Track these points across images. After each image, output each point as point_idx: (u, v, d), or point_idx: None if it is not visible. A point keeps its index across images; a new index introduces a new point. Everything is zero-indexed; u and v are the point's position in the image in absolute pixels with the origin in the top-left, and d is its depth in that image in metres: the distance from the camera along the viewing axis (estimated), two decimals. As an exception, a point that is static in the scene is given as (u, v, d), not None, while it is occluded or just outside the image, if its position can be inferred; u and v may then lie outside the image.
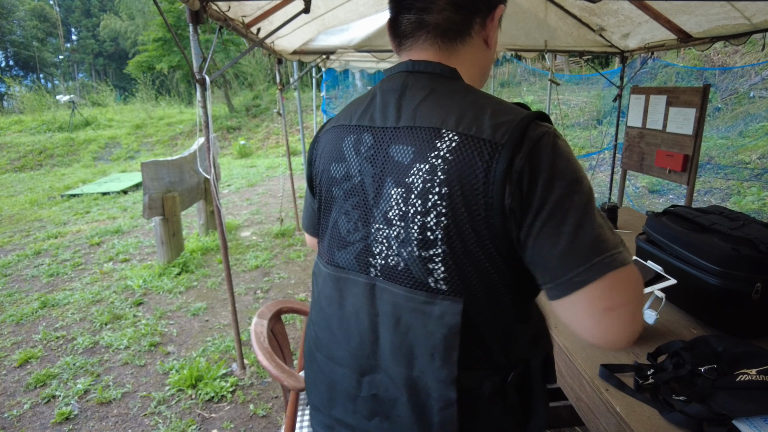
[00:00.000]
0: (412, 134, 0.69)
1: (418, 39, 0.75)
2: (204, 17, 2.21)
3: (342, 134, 0.78)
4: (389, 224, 0.70)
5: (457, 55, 0.75)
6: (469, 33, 0.74)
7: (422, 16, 0.73)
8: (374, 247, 0.73)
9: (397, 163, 0.70)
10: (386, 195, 0.71)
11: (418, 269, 0.68)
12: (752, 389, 0.96)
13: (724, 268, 1.25)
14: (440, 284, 0.67)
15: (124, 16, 27.60)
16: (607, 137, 8.35)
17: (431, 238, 0.66)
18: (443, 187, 0.65)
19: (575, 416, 1.88)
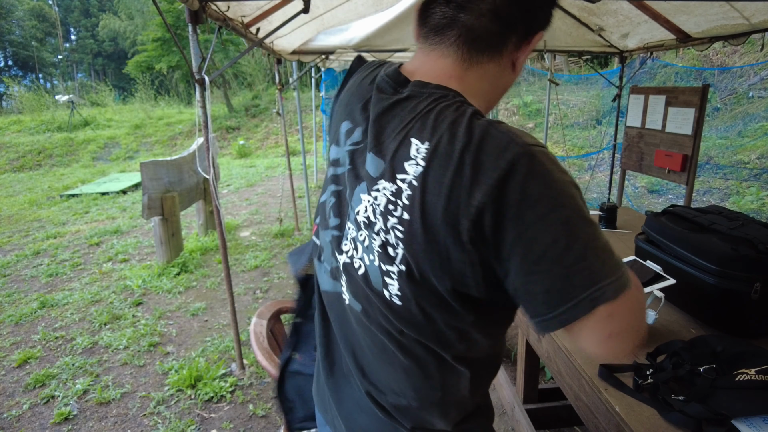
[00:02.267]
0: (387, 143, 0.66)
1: (444, 40, 0.68)
2: (203, 17, 2.21)
3: (343, 116, 0.77)
4: (357, 227, 0.69)
5: (478, 68, 0.68)
6: (499, 49, 0.68)
7: (458, 14, 0.66)
8: (343, 243, 0.72)
9: (367, 172, 0.68)
10: (357, 198, 0.69)
11: (376, 278, 0.67)
12: (751, 389, 0.97)
13: (723, 267, 1.25)
14: (394, 299, 0.66)
15: (123, 16, 27.58)
16: (607, 137, 8.36)
17: (392, 255, 0.64)
18: (404, 212, 0.62)
19: (574, 416, 1.89)
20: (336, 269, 0.75)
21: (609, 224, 2.29)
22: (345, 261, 0.72)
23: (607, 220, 2.29)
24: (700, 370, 1.05)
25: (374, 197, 0.65)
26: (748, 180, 6.42)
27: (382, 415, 0.74)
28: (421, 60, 0.71)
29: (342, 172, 0.73)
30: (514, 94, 12.28)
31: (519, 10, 0.66)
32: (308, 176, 7.02)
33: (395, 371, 0.71)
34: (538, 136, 10.17)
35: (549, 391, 2.09)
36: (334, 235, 0.75)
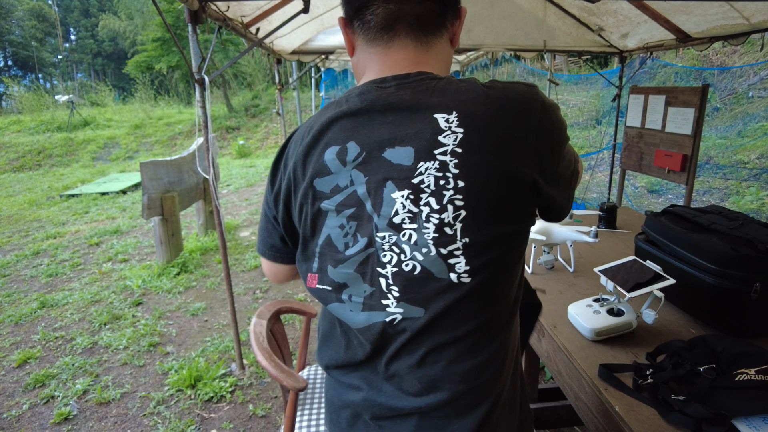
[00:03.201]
0: (407, 133, 0.68)
1: (397, 33, 0.72)
2: (203, 17, 2.21)
3: (320, 146, 0.72)
4: (397, 229, 0.69)
5: (435, 49, 0.74)
6: (445, 26, 0.74)
7: (401, 6, 0.70)
8: (382, 256, 0.70)
9: (396, 167, 0.68)
10: (387, 200, 0.68)
11: (438, 268, 0.68)
12: (751, 389, 0.97)
13: (722, 267, 1.25)
14: (463, 279, 0.68)
15: (123, 16, 27.60)
16: (606, 137, 8.36)
17: (450, 233, 0.67)
18: (458, 180, 0.66)
19: (574, 416, 1.89)
20: (372, 296, 0.72)
21: (609, 224, 2.29)
22: (393, 272, 0.70)
23: (607, 220, 2.29)
24: (700, 370, 1.05)
25: (417, 183, 0.67)
26: (747, 180, 6.42)
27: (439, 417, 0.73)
28: (381, 61, 0.74)
29: (353, 192, 0.71)
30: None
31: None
32: (308, 176, 7.03)
33: (472, 359, 0.72)
34: (537, 136, 10.18)
35: (549, 391, 2.09)
36: (363, 258, 0.72)
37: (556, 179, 0.74)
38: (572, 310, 1.38)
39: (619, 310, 1.31)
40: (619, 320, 1.28)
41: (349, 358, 0.79)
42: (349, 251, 0.72)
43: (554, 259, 1.86)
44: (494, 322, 0.73)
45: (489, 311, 0.71)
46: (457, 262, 0.67)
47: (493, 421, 0.75)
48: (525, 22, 3.72)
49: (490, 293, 0.71)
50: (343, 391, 0.81)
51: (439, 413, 0.73)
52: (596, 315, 1.31)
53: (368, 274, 0.72)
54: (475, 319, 0.70)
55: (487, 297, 0.71)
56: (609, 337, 1.29)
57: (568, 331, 1.36)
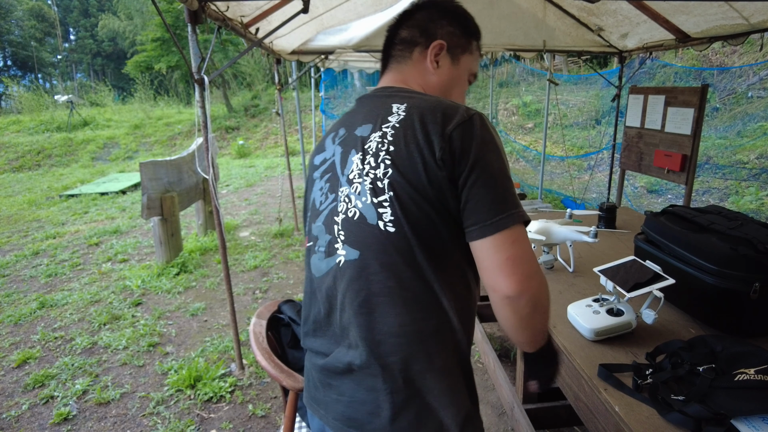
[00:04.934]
0: (371, 116, 0.90)
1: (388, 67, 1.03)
2: (202, 17, 2.21)
3: (327, 135, 1.00)
4: (350, 183, 0.86)
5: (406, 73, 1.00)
6: (411, 57, 1.00)
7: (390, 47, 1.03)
8: (339, 206, 0.88)
9: (359, 137, 0.89)
10: (349, 162, 0.88)
11: (371, 214, 0.82)
12: (750, 389, 0.97)
13: (722, 267, 1.25)
14: (388, 226, 0.80)
15: (123, 16, 27.58)
16: (606, 137, 8.36)
17: (381, 186, 0.82)
18: (389, 145, 0.83)
19: (574, 416, 1.89)
20: (330, 243, 0.88)
21: (608, 224, 2.29)
22: (342, 218, 0.86)
23: (607, 220, 2.29)
24: (699, 370, 1.05)
25: (366, 148, 0.86)
26: (747, 180, 6.43)
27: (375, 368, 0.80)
28: (383, 80, 1.03)
29: (332, 161, 0.93)
30: (513, 94, 12.28)
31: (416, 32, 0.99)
32: (308, 176, 7.02)
33: (394, 307, 0.80)
34: (537, 136, 10.20)
35: (548, 390, 2.09)
36: (329, 211, 0.90)
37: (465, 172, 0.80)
38: (572, 310, 1.39)
39: (619, 310, 1.32)
40: (619, 320, 1.28)
41: (315, 314, 0.93)
42: (322, 206, 0.92)
43: (554, 259, 1.86)
44: (420, 286, 0.81)
45: (413, 270, 0.80)
46: (384, 212, 0.81)
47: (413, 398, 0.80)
48: (524, 22, 3.72)
49: (414, 251, 0.80)
50: (311, 357, 0.94)
51: (369, 370, 0.81)
52: (596, 315, 1.31)
53: (330, 224, 0.89)
54: (401, 273, 0.80)
55: (411, 254, 0.80)
56: (608, 337, 1.29)
57: (568, 331, 1.36)
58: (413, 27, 1.00)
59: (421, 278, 0.81)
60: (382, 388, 0.80)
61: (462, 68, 1.02)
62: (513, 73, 13.09)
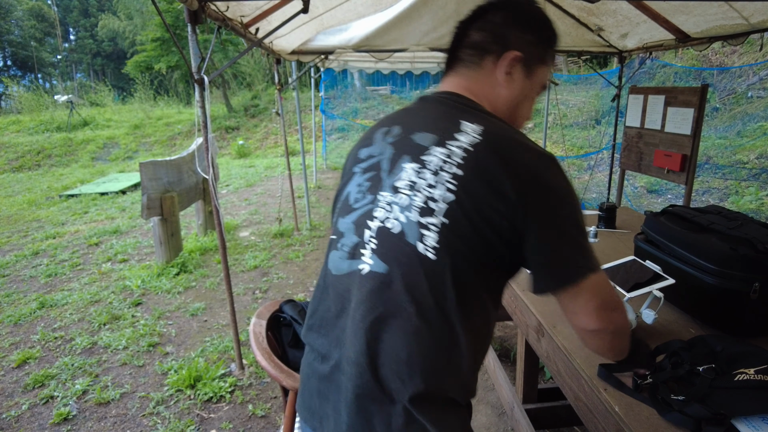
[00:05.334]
0: (436, 126, 0.85)
1: (454, 68, 0.95)
2: (202, 17, 2.21)
3: (377, 128, 0.95)
4: (395, 191, 0.82)
5: (474, 82, 0.92)
6: (482, 65, 0.91)
7: (456, 50, 0.95)
8: (376, 211, 0.83)
9: (417, 145, 0.84)
10: (399, 168, 0.83)
11: (412, 232, 0.77)
12: (750, 389, 0.97)
13: (722, 267, 1.25)
14: (428, 251, 0.76)
15: (123, 15, 27.59)
16: (606, 137, 8.36)
17: (433, 208, 0.77)
18: (457, 169, 0.77)
19: (574, 416, 1.89)
20: (356, 245, 0.83)
21: (608, 224, 2.29)
22: (378, 226, 0.81)
23: (607, 219, 2.29)
24: (699, 370, 1.05)
25: (424, 161, 0.81)
26: (747, 180, 6.43)
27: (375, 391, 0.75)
28: (448, 82, 0.95)
29: (379, 159, 0.88)
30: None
31: (490, 37, 0.90)
32: (307, 176, 7.02)
33: (406, 335, 0.75)
34: (537, 136, 10.19)
35: (548, 390, 2.09)
36: (363, 212, 0.85)
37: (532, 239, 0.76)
38: (572, 310, 1.38)
39: (619, 310, 1.31)
40: (619, 320, 1.28)
41: (324, 310, 0.87)
42: (356, 204, 0.87)
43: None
44: (440, 320, 0.75)
45: (437, 301, 0.75)
46: (428, 236, 0.76)
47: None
48: (524, 22, 3.71)
49: (446, 283, 0.75)
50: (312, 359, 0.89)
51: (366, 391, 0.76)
52: (596, 315, 1.31)
53: (360, 226, 0.84)
54: (424, 300, 0.75)
55: (442, 285, 0.75)
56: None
57: (568, 330, 1.36)
58: (486, 31, 0.90)
59: (442, 310, 0.75)
60: (378, 412, 0.75)
61: (535, 81, 0.93)
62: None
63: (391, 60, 5.19)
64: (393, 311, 0.76)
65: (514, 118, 0.94)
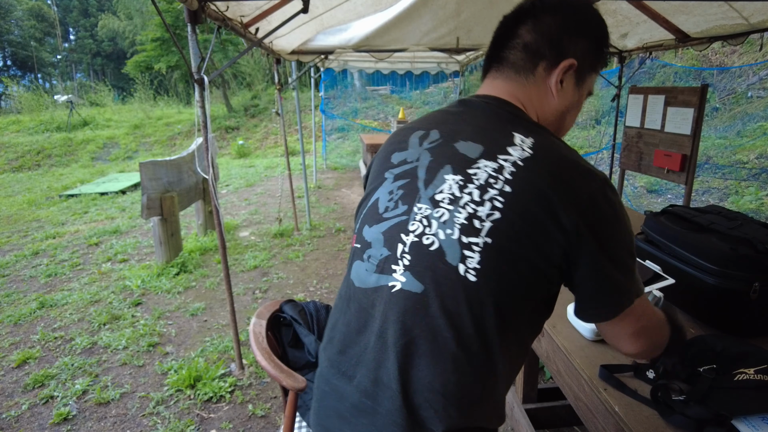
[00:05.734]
0: (484, 135, 0.79)
1: (502, 70, 0.86)
2: (202, 17, 2.21)
3: (411, 130, 0.88)
4: (435, 205, 0.75)
5: (521, 89, 0.84)
6: (533, 72, 0.83)
7: (506, 52, 0.85)
8: (411, 225, 0.76)
9: (462, 156, 0.77)
10: (440, 179, 0.77)
11: (453, 252, 0.71)
12: (750, 389, 0.97)
13: (722, 267, 1.25)
14: (469, 273, 0.70)
15: (122, 15, 27.57)
16: (606, 137, 8.36)
17: (477, 227, 0.71)
18: (506, 185, 0.72)
19: (574, 416, 1.89)
20: (386, 259, 0.77)
21: (608, 224, 2.29)
22: (413, 241, 0.75)
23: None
24: (700, 371, 1.05)
25: (470, 174, 0.75)
26: (747, 180, 6.43)
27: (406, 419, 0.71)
28: (491, 85, 0.87)
29: (414, 166, 0.81)
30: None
31: (544, 42, 0.82)
32: (307, 176, 7.02)
33: (442, 363, 0.70)
34: (537, 136, 10.17)
35: (548, 390, 2.09)
36: (395, 223, 0.78)
37: (583, 267, 0.73)
38: (572, 310, 1.38)
39: (619, 310, 1.31)
40: (619, 320, 1.28)
41: (344, 324, 0.82)
42: (387, 214, 0.80)
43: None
44: (478, 347, 0.71)
45: (477, 328, 0.70)
46: (471, 256, 0.70)
47: None
48: (524, 22, 3.71)
49: (487, 309, 0.70)
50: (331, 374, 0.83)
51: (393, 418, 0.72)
52: (596, 315, 1.31)
53: (392, 238, 0.78)
54: (463, 326, 0.70)
55: (482, 310, 0.70)
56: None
57: (568, 330, 1.36)
58: (541, 34, 0.81)
59: (481, 337, 0.70)
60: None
61: (584, 89, 0.87)
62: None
63: (391, 60, 5.19)
64: (429, 336, 0.71)
65: (560, 127, 0.89)
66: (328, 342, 0.86)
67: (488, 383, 0.73)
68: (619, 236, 0.73)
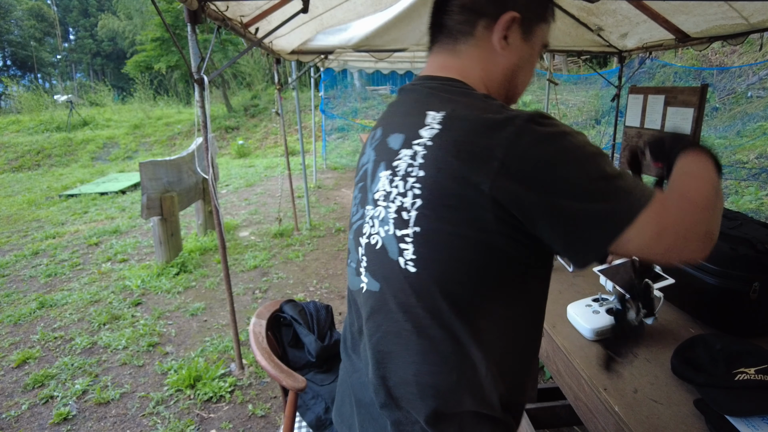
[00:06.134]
0: (406, 122, 0.76)
1: (437, 40, 0.82)
2: (202, 17, 2.21)
3: (372, 132, 0.88)
4: (375, 204, 0.76)
5: (462, 55, 0.79)
6: (472, 33, 0.77)
7: (442, 18, 0.80)
8: (364, 227, 0.79)
9: (389, 149, 0.76)
10: (377, 179, 0.77)
11: (392, 247, 0.72)
12: (750, 389, 0.97)
13: (722, 267, 1.25)
14: (409, 265, 0.70)
15: (122, 15, 27.59)
16: (606, 137, 8.36)
17: (405, 218, 0.70)
18: (420, 170, 0.69)
19: (574, 416, 1.89)
20: (358, 262, 0.81)
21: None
22: (365, 243, 0.78)
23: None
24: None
25: (394, 167, 0.73)
26: (746, 180, 6.43)
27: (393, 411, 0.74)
28: (431, 60, 0.83)
29: (366, 169, 0.81)
30: (513, 94, 12.26)
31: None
32: (307, 176, 7.02)
33: (410, 355, 0.71)
34: (537, 136, 10.19)
35: (548, 390, 2.09)
36: (356, 227, 0.81)
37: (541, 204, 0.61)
38: (571, 310, 1.39)
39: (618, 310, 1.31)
40: (619, 320, 1.28)
41: (350, 325, 0.88)
42: (352, 219, 0.83)
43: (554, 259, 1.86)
44: (441, 335, 0.69)
45: (434, 317, 0.69)
46: (406, 249, 0.70)
47: None
48: (524, 21, 3.71)
49: (435, 297, 0.68)
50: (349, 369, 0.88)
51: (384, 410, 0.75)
52: (595, 315, 1.31)
53: (356, 242, 0.81)
54: (419, 318, 0.70)
55: (432, 299, 0.68)
56: (608, 337, 1.29)
57: (568, 330, 1.36)
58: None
59: (442, 326, 0.69)
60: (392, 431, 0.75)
61: (535, 42, 0.79)
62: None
63: (391, 60, 5.19)
64: (394, 331, 0.72)
65: (514, 86, 0.81)
66: (343, 342, 0.93)
67: (465, 369, 0.70)
68: (566, 167, 0.61)
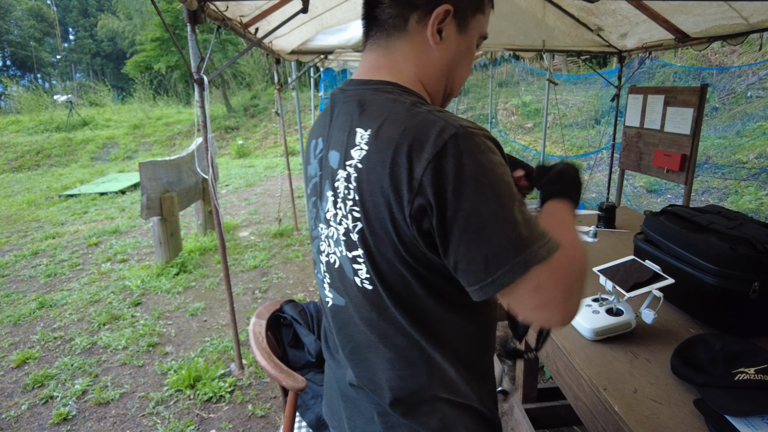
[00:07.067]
0: (340, 139, 0.72)
1: (369, 38, 0.77)
2: (202, 17, 2.21)
3: (311, 136, 0.84)
4: (327, 224, 0.75)
5: (397, 52, 0.74)
6: (404, 28, 0.73)
7: (371, 11, 0.75)
8: (321, 245, 0.79)
9: (330, 167, 0.73)
10: (325, 197, 0.74)
11: (348, 267, 0.73)
12: (750, 388, 0.96)
13: (721, 267, 1.25)
14: (365, 283, 0.72)
15: (122, 15, 27.57)
16: (605, 137, 8.36)
17: (353, 239, 0.70)
18: (355, 193, 0.67)
19: (573, 416, 1.89)
20: (323, 278, 0.82)
21: (608, 224, 2.29)
22: (326, 260, 0.79)
23: (606, 219, 2.29)
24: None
25: (336, 188, 0.71)
26: (746, 180, 6.43)
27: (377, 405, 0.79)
28: (364, 60, 0.78)
29: (315, 182, 0.79)
30: (512, 94, 12.28)
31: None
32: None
33: (380, 363, 0.75)
34: (536, 136, 10.20)
35: (548, 390, 2.09)
36: (316, 244, 0.82)
37: (446, 229, 0.61)
38: (571, 310, 1.38)
39: (618, 310, 1.31)
40: (619, 320, 1.28)
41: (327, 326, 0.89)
42: (312, 233, 0.83)
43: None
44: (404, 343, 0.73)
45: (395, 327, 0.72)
46: (360, 269, 0.71)
47: None
48: (524, 21, 3.72)
49: (392, 311, 0.71)
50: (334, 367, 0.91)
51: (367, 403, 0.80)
52: (595, 315, 1.31)
53: (318, 259, 0.83)
54: (382, 329, 0.73)
55: (390, 313, 0.71)
56: (608, 337, 1.29)
57: (567, 330, 1.36)
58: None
59: (404, 335, 0.72)
60: (378, 421, 0.79)
61: (471, 34, 0.76)
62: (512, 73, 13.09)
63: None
64: (363, 341, 0.76)
65: (452, 82, 0.78)
66: (324, 341, 0.95)
67: (433, 371, 0.74)
68: (476, 198, 0.59)
